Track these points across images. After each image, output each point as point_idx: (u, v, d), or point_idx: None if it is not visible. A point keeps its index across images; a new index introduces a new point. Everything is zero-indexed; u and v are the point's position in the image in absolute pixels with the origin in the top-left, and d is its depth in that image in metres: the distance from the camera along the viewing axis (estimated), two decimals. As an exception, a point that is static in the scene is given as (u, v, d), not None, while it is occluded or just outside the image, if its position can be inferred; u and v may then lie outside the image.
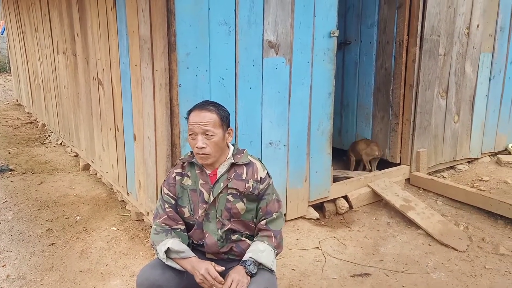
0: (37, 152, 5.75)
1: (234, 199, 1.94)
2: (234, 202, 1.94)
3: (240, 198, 1.94)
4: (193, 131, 1.89)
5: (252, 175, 1.96)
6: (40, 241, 3.31)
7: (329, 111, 3.54)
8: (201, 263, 1.85)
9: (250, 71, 3.08)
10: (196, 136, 1.88)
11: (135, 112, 3.31)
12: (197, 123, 1.87)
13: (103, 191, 4.30)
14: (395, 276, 2.83)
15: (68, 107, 5.34)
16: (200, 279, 1.81)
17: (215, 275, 1.80)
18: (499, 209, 3.52)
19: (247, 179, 1.95)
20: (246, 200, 1.95)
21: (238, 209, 1.95)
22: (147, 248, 3.15)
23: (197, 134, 1.87)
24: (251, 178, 1.95)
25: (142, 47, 3.00)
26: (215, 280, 1.79)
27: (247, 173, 1.96)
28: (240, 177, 1.95)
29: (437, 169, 4.57)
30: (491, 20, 4.60)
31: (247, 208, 1.96)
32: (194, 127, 1.88)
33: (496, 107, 4.98)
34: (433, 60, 4.19)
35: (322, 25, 3.34)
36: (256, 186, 1.95)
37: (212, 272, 1.80)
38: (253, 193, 1.94)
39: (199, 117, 1.88)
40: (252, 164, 1.99)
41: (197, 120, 1.88)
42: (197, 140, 1.87)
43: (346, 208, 3.75)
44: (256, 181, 1.96)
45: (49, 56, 5.93)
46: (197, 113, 1.89)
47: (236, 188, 1.94)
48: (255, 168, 1.98)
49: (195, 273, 1.83)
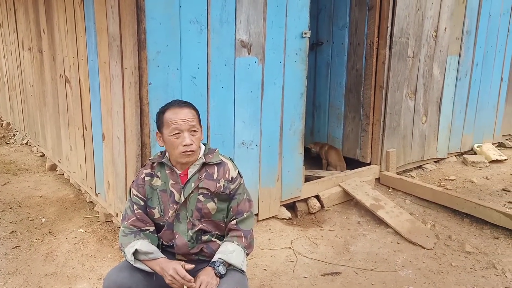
0: (1, 152, 5.55)
1: (205, 199, 1.92)
2: (205, 202, 1.92)
3: (211, 198, 1.92)
4: (178, 129, 1.84)
5: (224, 175, 1.95)
6: (3, 243, 3.19)
7: (301, 111, 3.56)
8: (170, 263, 1.82)
9: (222, 71, 3.06)
10: (181, 134, 1.85)
11: (103, 111, 3.23)
12: (183, 119, 1.84)
13: (71, 192, 4.18)
14: (364, 274, 2.87)
15: (34, 106, 5.17)
16: (169, 280, 1.78)
17: (184, 274, 1.77)
18: (465, 207, 3.62)
19: (218, 178, 1.93)
20: (217, 200, 1.93)
21: (209, 209, 1.93)
22: (115, 250, 3.08)
23: (183, 131, 1.84)
24: (222, 178, 1.94)
25: (111, 45, 2.93)
26: (184, 279, 1.76)
27: (218, 173, 1.94)
28: (211, 177, 1.93)
29: (405, 168, 4.67)
30: (458, 24, 4.73)
31: (218, 208, 1.94)
32: (181, 125, 1.84)
33: (462, 108, 5.12)
34: (402, 62, 4.27)
35: (294, 25, 3.35)
36: (227, 186, 1.93)
37: (181, 271, 1.77)
38: (224, 193, 1.93)
39: (183, 114, 1.85)
40: (223, 163, 1.97)
41: (182, 117, 1.85)
42: (183, 137, 1.84)
43: (317, 207, 3.78)
44: (228, 181, 1.94)
45: (14, 52, 5.73)
46: (179, 111, 1.86)
47: (207, 188, 1.91)
48: (226, 167, 1.96)
49: (164, 274, 1.80)
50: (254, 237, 2.01)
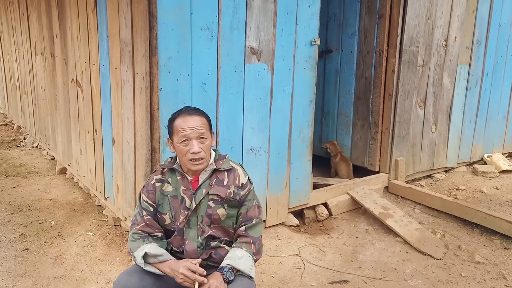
0: (12, 155, 5.61)
1: (215, 205, 1.92)
2: (215, 208, 1.92)
3: (221, 204, 1.93)
4: (187, 137, 1.85)
5: (234, 181, 1.95)
6: (12, 246, 3.21)
7: (310, 119, 3.56)
8: (178, 263, 1.82)
9: (232, 77, 3.08)
10: (190, 142, 1.85)
11: (114, 115, 3.26)
12: (191, 127, 1.84)
13: (80, 195, 4.21)
14: (373, 283, 2.85)
15: (45, 109, 5.23)
16: (181, 279, 1.77)
17: (196, 268, 1.77)
18: (475, 217, 3.59)
19: (228, 184, 1.94)
20: (227, 206, 1.93)
21: (219, 215, 1.93)
22: (124, 254, 3.09)
23: (191, 139, 1.84)
24: (233, 184, 1.94)
25: (123, 50, 2.96)
26: (197, 272, 1.76)
27: (229, 179, 1.95)
28: (221, 183, 1.94)
29: (415, 177, 4.64)
30: (468, 33, 4.72)
31: (227, 214, 1.94)
32: (189, 133, 1.84)
33: (472, 118, 5.10)
34: (412, 71, 4.27)
35: (304, 33, 3.37)
36: (237, 192, 1.94)
37: (192, 267, 1.77)
38: (234, 199, 1.93)
39: (192, 121, 1.85)
40: (233, 170, 1.98)
41: (191, 125, 1.84)
42: (192, 145, 1.84)
43: (325, 215, 3.76)
44: (238, 187, 1.95)
45: (26, 56, 5.81)
46: (188, 118, 1.86)
47: (218, 194, 1.92)
48: (236, 173, 1.97)
49: (174, 274, 1.80)
50: (262, 244, 2.01)
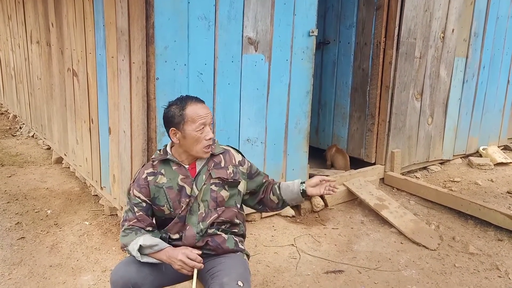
0: (8, 144, 5.59)
1: (217, 187, 1.96)
2: (218, 191, 1.96)
3: (223, 186, 1.97)
4: (204, 124, 1.88)
5: (230, 161, 2.01)
6: (8, 234, 3.22)
7: (306, 110, 3.56)
8: (176, 250, 1.82)
9: (229, 67, 3.07)
10: (204, 128, 1.89)
11: (110, 105, 3.25)
12: (205, 114, 1.89)
13: (76, 185, 4.21)
14: (367, 273, 2.88)
15: (41, 99, 5.21)
16: (179, 265, 1.77)
17: (195, 256, 1.78)
18: (469, 209, 3.62)
19: (226, 166, 1.99)
20: (228, 187, 1.98)
21: (223, 197, 1.97)
22: (120, 243, 3.10)
23: (205, 125, 1.89)
24: (230, 164, 2.00)
25: (119, 39, 2.95)
26: (195, 260, 1.77)
27: (225, 160, 2.00)
28: (219, 166, 1.98)
29: (410, 169, 4.66)
30: (466, 26, 4.71)
31: (230, 194, 1.99)
32: (206, 119, 1.89)
33: (469, 110, 5.11)
34: (409, 63, 4.26)
35: (302, 23, 3.35)
36: (236, 171, 2.00)
37: (191, 254, 1.78)
38: (235, 178, 1.99)
39: (205, 109, 1.91)
40: (227, 151, 2.04)
41: (205, 112, 1.89)
42: (207, 131, 1.89)
43: (321, 206, 3.78)
44: (235, 166, 2.01)
45: (22, 45, 5.77)
46: (200, 106, 1.90)
47: (219, 177, 1.96)
48: (230, 154, 2.04)
49: (171, 261, 1.79)
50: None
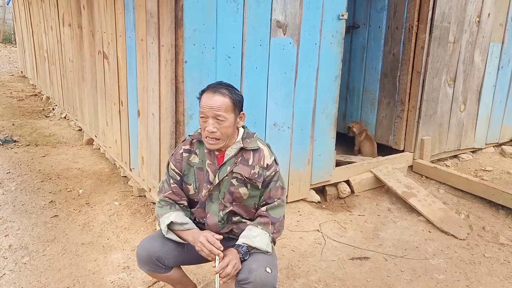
0: (41, 125, 5.76)
1: (238, 183, 1.93)
2: (237, 187, 1.93)
3: (244, 183, 1.93)
4: (204, 114, 1.84)
5: (259, 161, 1.93)
6: (42, 212, 3.34)
7: (334, 95, 3.52)
8: (201, 233, 1.87)
9: (257, 51, 3.05)
10: (207, 120, 1.84)
11: (139, 87, 3.29)
12: (209, 107, 1.82)
13: (106, 166, 4.32)
14: (394, 260, 2.85)
15: (72, 81, 5.32)
16: (198, 247, 1.83)
17: (214, 241, 1.81)
18: (501, 199, 3.52)
19: (253, 165, 1.92)
20: (249, 186, 1.93)
21: (241, 194, 1.94)
22: (148, 223, 3.18)
23: (208, 117, 1.83)
24: (257, 165, 1.93)
25: (148, 22, 2.97)
26: (214, 245, 1.80)
27: (254, 159, 1.93)
28: (246, 163, 1.93)
29: (440, 157, 4.56)
30: (503, 10, 4.52)
31: (250, 194, 1.94)
32: (206, 111, 1.83)
33: (503, 97, 4.93)
34: (442, 48, 4.13)
35: (332, 7, 3.29)
36: (261, 173, 1.92)
37: (211, 238, 1.82)
38: (258, 180, 1.92)
39: (211, 100, 1.83)
40: (259, 150, 1.95)
41: (209, 104, 1.82)
42: (208, 123, 1.83)
43: (347, 192, 3.75)
44: (262, 168, 1.93)
45: (54, 28, 5.88)
46: (210, 96, 1.84)
47: (241, 173, 1.91)
48: (261, 154, 1.95)
49: (195, 242, 1.85)
50: (284, 226, 2.00)
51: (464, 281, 2.65)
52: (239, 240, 1.89)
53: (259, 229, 1.90)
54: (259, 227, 1.91)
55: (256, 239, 1.86)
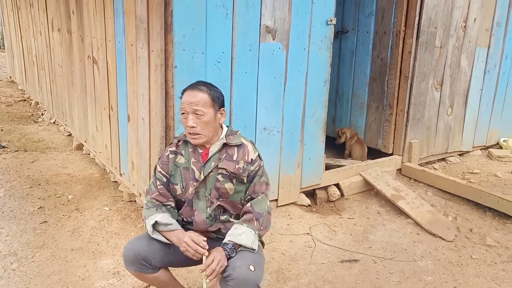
0: (30, 130, 5.72)
1: (223, 179, 1.98)
2: (223, 182, 1.98)
3: (229, 178, 1.98)
4: (184, 110, 1.93)
5: (243, 157, 1.99)
6: (31, 218, 3.31)
7: (324, 99, 3.55)
8: (185, 233, 1.91)
9: (247, 56, 3.07)
10: (188, 116, 1.92)
11: (129, 92, 3.30)
12: (188, 102, 1.92)
13: (96, 171, 4.30)
14: (383, 262, 2.88)
15: (62, 86, 5.30)
16: (183, 247, 1.86)
17: (198, 240, 1.84)
18: (488, 201, 3.57)
19: (237, 160, 1.98)
20: (235, 181, 1.99)
21: (227, 189, 1.98)
22: (139, 228, 3.17)
23: (188, 113, 1.92)
24: (242, 159, 1.99)
25: (138, 27, 2.98)
26: (199, 244, 1.83)
27: (238, 154, 2.00)
28: (230, 158, 1.99)
29: (428, 160, 4.62)
30: (488, 15, 4.61)
31: (235, 189, 1.99)
32: (185, 106, 1.92)
33: (490, 101, 5.01)
34: (429, 52, 4.20)
35: (320, 12, 3.33)
36: (246, 168, 1.98)
37: (196, 238, 1.85)
38: (243, 175, 1.97)
39: (190, 96, 1.92)
40: (243, 145, 2.02)
41: (188, 100, 1.92)
42: (188, 119, 1.92)
43: (337, 195, 3.78)
44: (247, 163, 1.99)
45: (43, 33, 5.86)
46: (189, 93, 1.94)
47: (226, 169, 1.97)
48: (246, 149, 2.01)
49: (179, 243, 1.88)
50: (270, 221, 2.03)
51: (452, 282, 2.69)
52: (225, 238, 1.93)
53: (244, 226, 1.94)
54: (245, 225, 1.95)
55: (241, 237, 1.90)
